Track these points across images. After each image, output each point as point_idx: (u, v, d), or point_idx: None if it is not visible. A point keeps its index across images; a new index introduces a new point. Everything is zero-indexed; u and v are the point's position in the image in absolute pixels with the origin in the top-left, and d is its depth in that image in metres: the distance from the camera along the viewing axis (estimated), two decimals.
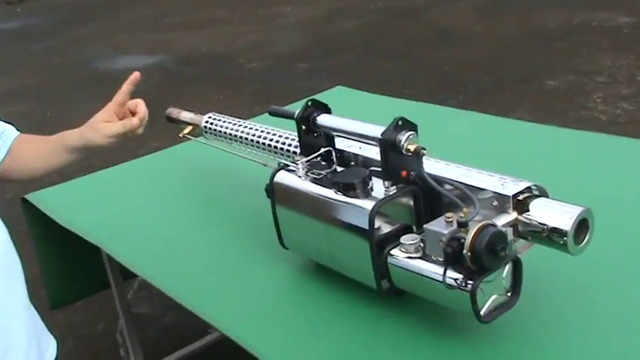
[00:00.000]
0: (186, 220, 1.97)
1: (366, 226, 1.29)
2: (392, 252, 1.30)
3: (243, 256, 1.71)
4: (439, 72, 5.41)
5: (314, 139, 1.53)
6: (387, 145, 1.31)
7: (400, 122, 1.31)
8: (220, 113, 1.99)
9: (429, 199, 1.34)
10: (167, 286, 1.61)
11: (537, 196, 1.27)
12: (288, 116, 1.57)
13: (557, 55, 5.26)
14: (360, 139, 1.45)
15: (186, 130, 2.08)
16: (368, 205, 1.31)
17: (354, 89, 2.98)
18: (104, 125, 1.53)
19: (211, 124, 1.94)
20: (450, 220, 1.18)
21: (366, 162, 1.47)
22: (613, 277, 1.42)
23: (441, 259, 1.19)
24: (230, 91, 5.91)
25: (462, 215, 1.18)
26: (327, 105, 1.53)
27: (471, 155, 1.93)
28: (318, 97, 1.62)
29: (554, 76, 4.83)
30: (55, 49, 8.37)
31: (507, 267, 1.21)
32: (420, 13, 7.24)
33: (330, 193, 1.39)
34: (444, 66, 5.51)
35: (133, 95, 1.58)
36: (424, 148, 1.30)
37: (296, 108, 1.54)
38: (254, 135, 1.78)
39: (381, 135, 1.32)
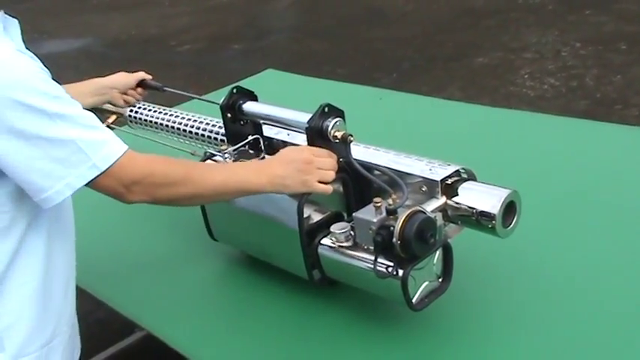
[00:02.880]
0: (110, 213, 1.89)
1: (294, 215, 1.27)
2: (322, 241, 1.28)
3: (171, 250, 1.66)
4: (372, 51, 5.41)
5: (241, 126, 1.49)
6: (314, 132, 1.29)
7: (327, 109, 1.28)
8: (146, 100, 1.93)
9: (358, 185, 1.32)
10: (90, 284, 1.54)
11: (465, 180, 1.27)
12: (154, 88, 1.57)
13: (486, 32, 5.33)
14: (288, 127, 1.42)
15: (110, 119, 2.01)
16: None
17: (284, 72, 2.94)
18: None
19: (136, 112, 1.87)
20: (379, 205, 1.17)
21: None
22: (543, 256, 1.44)
23: (371, 248, 1.18)
24: (162, 74, 5.74)
25: (391, 202, 1.16)
26: (253, 92, 1.49)
27: (403, 136, 1.94)
28: (248, 81, 1.59)
29: (484, 53, 4.89)
30: None
31: (438, 253, 1.21)
32: None
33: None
34: (376, 45, 5.50)
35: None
36: (351, 135, 1.28)
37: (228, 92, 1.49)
38: (180, 123, 1.73)
39: (308, 123, 1.29)
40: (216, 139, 1.60)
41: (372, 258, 1.17)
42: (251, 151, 1.46)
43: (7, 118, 1.03)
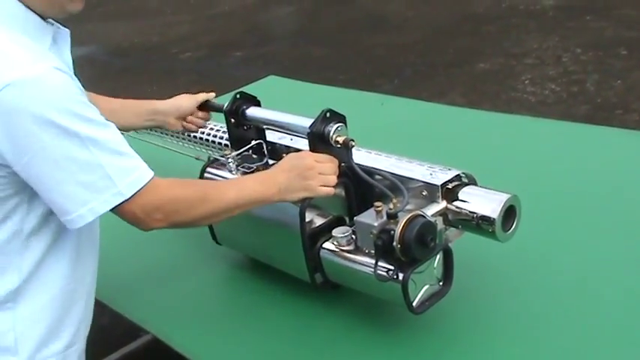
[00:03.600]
0: (114, 220, 1.91)
1: (297, 219, 1.28)
2: (324, 245, 1.29)
3: (175, 254, 1.68)
4: (373, 57, 5.43)
5: (244, 131, 1.51)
6: (316, 137, 1.30)
7: (328, 114, 1.30)
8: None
9: (360, 190, 1.33)
10: (97, 290, 1.56)
11: (466, 184, 1.28)
12: (218, 109, 1.55)
13: (487, 38, 5.35)
14: (290, 132, 1.43)
15: None
16: None
17: (286, 78, 2.96)
18: None
19: None
20: (380, 209, 1.19)
21: None
22: (543, 260, 1.45)
23: (372, 252, 1.19)
24: (164, 82, 5.78)
25: (392, 206, 1.18)
26: (256, 97, 1.51)
27: (404, 141, 1.95)
28: (251, 87, 1.60)
29: (485, 59, 4.91)
30: None
31: (438, 257, 1.22)
32: (353, 0, 7.24)
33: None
34: (378, 51, 5.52)
35: None
36: (353, 140, 1.29)
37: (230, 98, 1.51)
38: None
39: (310, 128, 1.30)
40: (220, 143, 1.62)
41: (373, 261, 1.19)
42: (254, 156, 1.47)
43: (40, 139, 1.03)
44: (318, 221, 1.33)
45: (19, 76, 1.02)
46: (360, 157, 1.36)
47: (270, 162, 1.45)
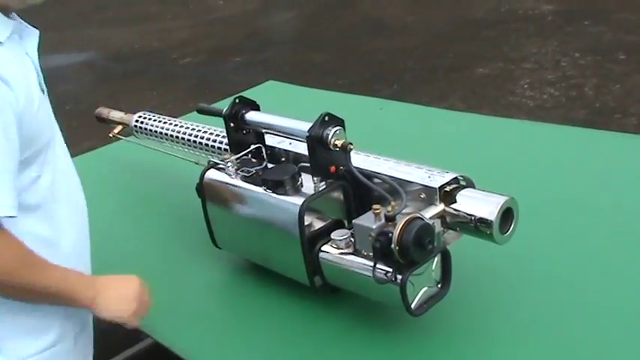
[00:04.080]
0: (116, 221, 1.92)
1: (296, 222, 1.29)
2: (323, 248, 1.30)
3: (175, 258, 1.68)
4: (373, 62, 5.44)
5: (243, 136, 1.52)
6: (315, 141, 1.31)
7: (327, 118, 1.31)
8: (153, 111, 1.96)
9: (358, 193, 1.34)
10: None
11: (464, 187, 1.29)
12: (217, 114, 1.56)
13: (487, 42, 5.36)
14: (289, 136, 1.44)
15: (116, 130, 2.04)
16: (297, 201, 1.30)
17: (285, 83, 2.97)
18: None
19: (141, 123, 1.91)
20: (378, 211, 1.19)
21: (297, 158, 1.47)
22: (541, 263, 1.45)
23: (371, 254, 1.20)
24: (164, 87, 5.80)
25: (390, 209, 1.19)
26: (255, 102, 1.52)
27: (403, 145, 1.96)
28: (250, 92, 1.61)
29: (484, 63, 4.92)
30: None
31: (436, 259, 1.23)
32: (354, 4, 7.25)
33: (260, 190, 1.38)
34: (377, 56, 5.54)
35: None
36: (351, 143, 1.30)
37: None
38: (184, 133, 1.76)
39: (308, 131, 1.31)
40: (219, 148, 1.63)
41: (372, 264, 1.19)
42: (253, 160, 1.48)
43: None
44: (317, 224, 1.34)
45: None
46: (359, 160, 1.37)
47: (270, 165, 1.46)
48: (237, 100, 1.50)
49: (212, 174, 1.49)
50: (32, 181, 1.17)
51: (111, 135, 2.06)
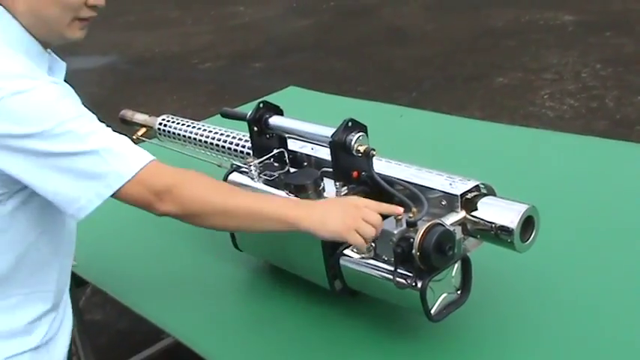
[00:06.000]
0: (138, 224, 1.94)
1: None
2: (344, 252, 1.31)
3: (197, 259, 1.70)
4: (392, 70, 5.46)
5: (266, 140, 1.54)
6: (338, 146, 1.32)
7: (350, 123, 1.33)
8: (174, 115, 1.98)
9: (379, 198, 1.35)
10: (119, 293, 1.59)
11: (485, 195, 1.30)
12: (240, 118, 1.58)
13: (506, 52, 5.37)
14: (312, 141, 1.46)
15: (139, 132, 2.06)
16: None
17: (306, 89, 2.99)
18: None
19: (165, 125, 1.93)
20: (400, 219, 1.20)
21: (319, 163, 1.48)
22: (561, 272, 1.45)
23: (391, 259, 1.21)
24: (184, 91, 5.85)
25: (411, 215, 1.20)
26: (278, 107, 1.54)
27: (423, 153, 1.97)
28: (271, 97, 1.63)
29: (504, 73, 4.92)
30: None
31: (456, 265, 1.24)
32: (373, 12, 7.28)
33: (282, 194, 1.40)
34: (396, 64, 5.56)
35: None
36: (374, 149, 1.31)
37: (251, 108, 1.54)
38: (207, 136, 1.78)
39: (331, 137, 1.33)
40: (242, 152, 1.64)
41: (392, 269, 1.20)
42: (276, 164, 1.50)
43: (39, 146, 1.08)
44: None
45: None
46: (381, 166, 1.38)
47: (292, 170, 1.48)
48: (261, 105, 1.52)
49: (235, 177, 1.51)
50: None
51: (134, 137, 2.08)
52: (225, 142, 1.71)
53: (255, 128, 1.52)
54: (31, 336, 1.25)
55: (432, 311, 1.21)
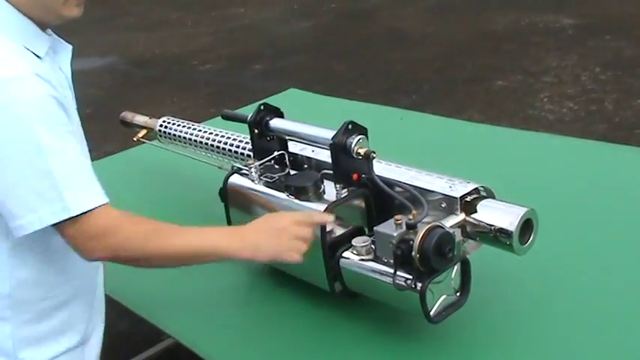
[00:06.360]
0: None
1: (317, 229, 1.31)
2: (344, 254, 1.32)
3: None
4: (392, 73, 5.46)
5: (267, 142, 1.54)
6: (338, 149, 1.33)
7: (350, 126, 1.33)
8: (174, 117, 1.99)
9: (380, 201, 1.36)
10: (118, 293, 1.59)
11: (484, 198, 1.31)
12: (241, 120, 1.58)
13: (506, 55, 5.37)
14: (312, 143, 1.46)
15: (140, 134, 2.08)
16: (320, 208, 1.32)
17: (307, 91, 3.00)
18: None
19: (166, 127, 1.94)
20: (399, 222, 1.21)
21: (319, 165, 1.49)
22: (560, 275, 1.46)
23: (391, 261, 1.22)
24: (184, 93, 5.85)
25: (411, 217, 1.20)
26: (279, 109, 1.55)
27: (422, 156, 1.97)
28: (272, 99, 1.63)
29: (504, 76, 4.93)
30: None
31: (456, 267, 1.24)
32: (372, 15, 7.28)
33: (282, 196, 1.41)
34: (396, 67, 5.56)
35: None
36: (374, 152, 1.32)
37: (251, 110, 1.55)
38: (208, 138, 1.78)
39: (332, 139, 1.34)
40: (242, 154, 1.65)
41: (392, 271, 1.21)
42: (276, 166, 1.50)
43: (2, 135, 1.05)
44: (338, 231, 1.36)
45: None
46: (380, 168, 1.39)
47: (292, 172, 1.49)
48: (261, 107, 1.53)
49: (235, 179, 1.52)
50: None
51: (135, 139, 2.09)
52: (225, 144, 1.71)
53: (256, 130, 1.53)
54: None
55: (432, 313, 1.22)
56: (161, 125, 1.93)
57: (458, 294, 1.27)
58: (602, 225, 1.62)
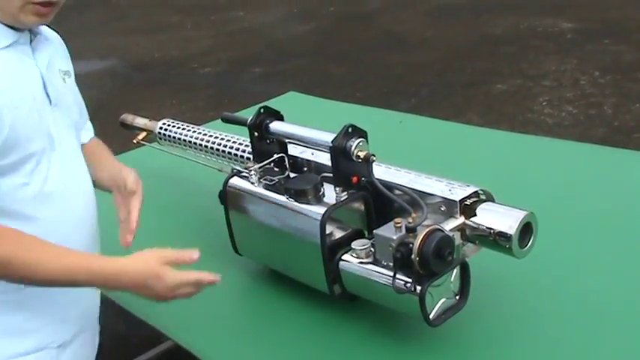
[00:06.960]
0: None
1: (317, 232, 1.31)
2: (344, 257, 1.32)
3: (196, 264, 1.70)
4: (391, 76, 5.47)
5: (267, 145, 1.55)
6: (338, 152, 1.33)
7: (350, 129, 1.33)
8: (174, 119, 1.99)
9: (379, 204, 1.36)
10: (118, 296, 1.59)
11: (484, 201, 1.31)
12: (241, 123, 1.58)
13: (505, 59, 5.38)
14: (312, 146, 1.47)
15: (140, 136, 2.08)
16: (319, 211, 1.33)
17: (306, 94, 3.00)
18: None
19: (165, 130, 1.94)
20: (399, 225, 1.21)
21: (319, 168, 1.49)
22: (559, 278, 1.47)
23: (391, 264, 1.22)
24: (184, 96, 5.86)
25: (411, 220, 1.21)
26: (279, 112, 1.55)
27: (422, 159, 1.98)
28: (271, 102, 1.64)
29: (503, 79, 4.94)
30: None
31: (455, 271, 1.25)
32: (372, 19, 7.30)
33: (282, 199, 1.41)
34: (395, 70, 5.57)
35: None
36: (374, 155, 1.32)
37: (250, 113, 1.55)
38: (208, 141, 1.79)
39: (332, 142, 1.34)
40: (242, 156, 1.65)
41: (392, 274, 1.21)
42: (276, 169, 1.51)
43: None
44: (338, 234, 1.36)
45: None
46: (380, 172, 1.39)
47: (292, 175, 1.49)
48: (261, 110, 1.53)
49: (235, 182, 1.52)
50: (16, 188, 1.16)
51: (135, 141, 2.09)
52: (225, 146, 1.72)
53: (256, 133, 1.53)
54: None
55: (431, 316, 1.22)
56: (161, 128, 1.94)
57: (457, 297, 1.27)
58: (601, 229, 1.62)
